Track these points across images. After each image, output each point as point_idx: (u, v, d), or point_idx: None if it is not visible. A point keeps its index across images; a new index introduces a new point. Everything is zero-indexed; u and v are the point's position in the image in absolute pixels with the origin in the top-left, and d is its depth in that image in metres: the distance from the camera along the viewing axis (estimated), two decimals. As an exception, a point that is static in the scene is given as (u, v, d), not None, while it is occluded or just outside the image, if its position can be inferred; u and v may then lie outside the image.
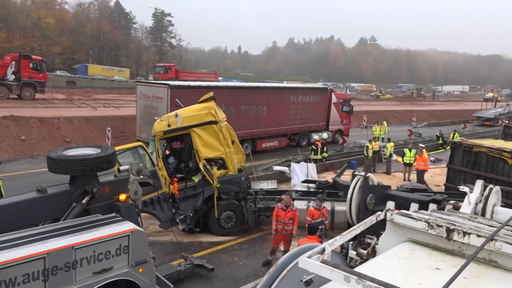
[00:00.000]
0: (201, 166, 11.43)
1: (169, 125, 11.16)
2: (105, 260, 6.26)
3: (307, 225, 9.16)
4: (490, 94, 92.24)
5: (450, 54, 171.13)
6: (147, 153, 10.63)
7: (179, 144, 12.81)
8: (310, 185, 14.25)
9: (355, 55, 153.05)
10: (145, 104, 19.54)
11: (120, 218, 7.06)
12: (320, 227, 9.87)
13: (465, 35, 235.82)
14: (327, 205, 11.25)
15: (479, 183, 4.42)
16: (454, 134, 26.38)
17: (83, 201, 7.22)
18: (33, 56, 34.94)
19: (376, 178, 17.86)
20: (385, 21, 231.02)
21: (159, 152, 11.21)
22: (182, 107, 12.10)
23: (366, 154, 20.30)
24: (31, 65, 32.70)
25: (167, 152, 12.72)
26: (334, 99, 27.76)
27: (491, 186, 4.22)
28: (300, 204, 11.31)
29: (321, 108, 26.81)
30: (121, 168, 8.47)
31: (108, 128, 20.83)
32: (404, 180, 19.00)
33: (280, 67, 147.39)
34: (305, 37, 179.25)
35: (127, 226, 6.70)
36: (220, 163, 11.96)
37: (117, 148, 9.65)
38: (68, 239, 6.00)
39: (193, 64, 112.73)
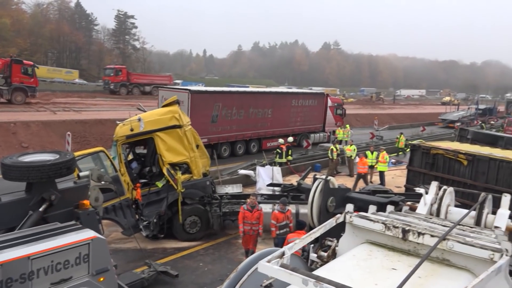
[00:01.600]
0: (165, 171, 11.27)
1: (131, 130, 10.96)
2: (64, 270, 6.03)
3: (296, 221, 9.35)
4: (447, 98, 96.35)
5: (410, 60, 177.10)
6: (109, 158, 10.38)
7: (142, 148, 12.61)
8: (275, 188, 14.31)
9: (319, 60, 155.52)
10: None
11: (80, 225, 6.83)
12: (285, 230, 9.97)
13: (424, 41, 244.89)
14: (292, 208, 11.36)
15: (434, 185, 4.59)
16: (400, 136, 27.38)
17: (40, 209, 6.94)
18: (24, 61, 34.94)
19: (340, 181, 18.35)
20: (347, 26, 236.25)
21: (121, 157, 10.99)
22: (145, 112, 11.91)
23: (331, 157, 20.64)
24: (22, 69, 32.58)
25: (130, 157, 12.48)
26: (329, 103, 30.33)
27: (445, 187, 4.40)
28: (265, 208, 11.33)
29: (318, 111, 29.29)
30: (81, 174, 8.21)
31: (68, 132, 20.15)
32: (366, 182, 19.41)
33: (245, 71, 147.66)
34: (270, 41, 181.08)
35: (87, 234, 6.49)
36: (184, 167, 11.83)
37: (77, 153, 9.37)
38: (24, 249, 5.74)
39: (157, 67, 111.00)
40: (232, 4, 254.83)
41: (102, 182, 8.39)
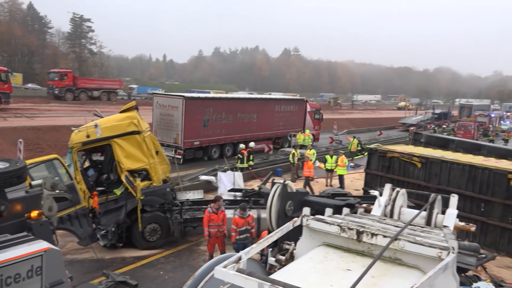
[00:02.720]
0: (123, 178, 11.02)
1: (88, 136, 10.66)
2: (15, 284, 5.75)
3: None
4: (402, 103, 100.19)
5: (367, 66, 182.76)
6: (64, 166, 10.01)
7: (99, 155, 12.26)
8: (237, 193, 14.31)
9: (279, 65, 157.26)
10: (161, 112, 23.14)
11: (32, 237, 6.54)
12: (245, 235, 9.98)
13: (380, 48, 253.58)
14: (254, 213, 11.39)
15: (387, 187, 4.75)
16: (353, 139, 28.23)
17: (-11, 221, 6.61)
18: None
19: (301, 185, 18.59)
20: (307, 33, 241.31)
21: (77, 164, 10.66)
22: (102, 117, 11.61)
23: (292, 161, 20.89)
24: None
25: (87, 164, 12.11)
26: (308, 108, 32.47)
27: (398, 189, 4.56)
28: (227, 213, 11.31)
29: (299, 116, 31.26)
30: (33, 183, 7.87)
31: (20, 140, 19.28)
32: (327, 185, 19.81)
33: (206, 76, 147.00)
34: (231, 46, 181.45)
35: (40, 245, 6.23)
36: (143, 174, 11.61)
37: (29, 161, 8.97)
38: (-29, 263, 5.44)
39: (115, 72, 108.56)
40: (192, 9, 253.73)
41: (56, 191, 8.07)
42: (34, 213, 7.06)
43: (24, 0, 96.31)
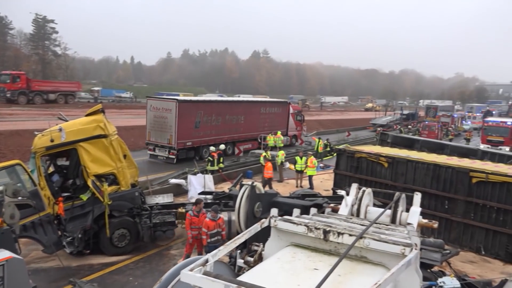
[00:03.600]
0: (89, 183, 10.74)
1: (52, 140, 10.34)
2: (-26, 295, 5.54)
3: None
4: (370, 105, 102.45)
5: (335, 68, 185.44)
6: (26, 171, 9.68)
7: (64, 160, 11.93)
8: (208, 196, 14.24)
9: (249, 68, 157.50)
10: (155, 114, 24.18)
11: (-7, 246, 6.31)
12: (216, 238, 9.94)
13: (347, 50, 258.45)
14: (224, 215, 11.36)
15: (354, 186, 4.85)
16: (318, 141, 28.70)
17: None
18: None
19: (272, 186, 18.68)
20: (275, 35, 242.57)
21: (40, 170, 10.31)
22: (66, 121, 11.29)
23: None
24: None
25: (51, 169, 11.74)
26: (291, 110, 34.20)
27: (364, 188, 4.67)
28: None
29: (282, 118, 33.02)
30: (-6, 190, 7.61)
31: (-21, 145, 18.56)
32: (297, 186, 19.98)
33: (175, 78, 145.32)
34: (200, 48, 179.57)
35: (2, 254, 6.02)
36: (111, 178, 11.36)
37: (-12, 168, 8.65)
38: None
39: (81, 75, 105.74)
40: (160, 10, 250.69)
41: (19, 198, 7.86)
42: (-6, 221, 6.81)
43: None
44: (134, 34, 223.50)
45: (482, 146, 31.03)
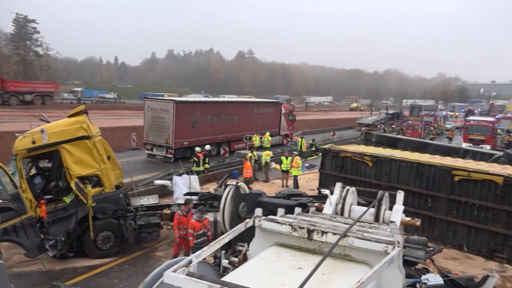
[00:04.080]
0: (73, 185, 10.58)
1: (33, 142, 10.17)
2: (-47, 301, 5.41)
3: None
4: (354, 104, 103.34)
5: (320, 68, 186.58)
6: (7, 174, 9.49)
7: (47, 162, 11.73)
8: (193, 197, 14.18)
9: (234, 68, 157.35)
10: (152, 115, 24.98)
11: (-28, 250, 6.17)
12: (202, 238, 9.91)
13: (332, 51, 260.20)
14: (210, 216, 11.33)
15: (338, 186, 4.88)
16: (301, 140, 28.90)
17: None
18: None
19: (257, 186, 18.69)
20: (260, 36, 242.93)
21: (22, 172, 10.13)
22: (48, 122, 11.11)
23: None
24: None
25: (33, 171, 11.54)
26: (283, 110, 35.37)
27: (348, 187, 4.70)
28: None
29: (275, 117, 34.08)
30: (-27, 193, 7.45)
31: (-41, 148, 18.15)
32: (283, 186, 20.03)
33: (160, 79, 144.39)
34: (184, 49, 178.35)
35: (-19, 259, 5.89)
36: (95, 180, 11.22)
37: (-32, 170, 8.46)
38: None
39: (63, 75, 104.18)
40: (144, 11, 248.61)
41: (0, 201, 7.69)
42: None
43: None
44: (118, 34, 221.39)
45: (464, 145, 31.59)
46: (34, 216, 9.89)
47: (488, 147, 31.55)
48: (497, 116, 46.92)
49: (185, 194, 14.64)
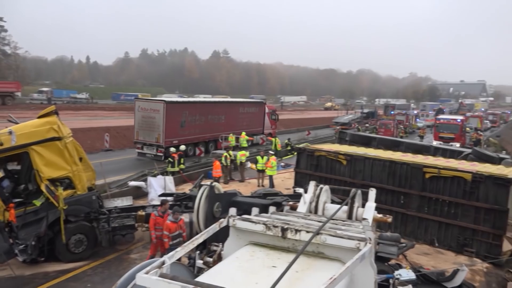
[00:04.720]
0: (43, 187, 10.32)
1: (1, 144, 9.87)
2: None
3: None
4: (329, 104, 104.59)
5: (294, 68, 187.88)
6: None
7: (16, 164, 11.40)
8: (168, 198, 14.03)
9: (209, 68, 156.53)
10: (143, 115, 25.70)
11: None
12: (178, 240, 9.83)
13: (306, 51, 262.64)
14: (186, 217, 11.24)
15: (312, 184, 4.93)
16: (275, 139, 29.14)
17: None
18: None
19: (233, 186, 18.67)
20: (235, 36, 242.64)
21: (-11, 175, 9.80)
22: (17, 123, 10.79)
23: (224, 163, 20.88)
24: None
25: (1, 174, 11.17)
26: (266, 110, 36.65)
27: (321, 185, 4.76)
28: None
29: (259, 117, 35.38)
30: None
31: None
32: (258, 186, 20.08)
33: (133, 79, 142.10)
34: (159, 48, 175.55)
35: None
36: (66, 182, 10.97)
37: None
38: None
39: (33, 75, 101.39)
40: (116, 9, 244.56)
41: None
42: None
43: None
44: (89, 33, 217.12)
45: (435, 143, 32.38)
46: (2, 220, 9.60)
47: (458, 144, 32.50)
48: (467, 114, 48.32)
49: (160, 195, 14.49)
